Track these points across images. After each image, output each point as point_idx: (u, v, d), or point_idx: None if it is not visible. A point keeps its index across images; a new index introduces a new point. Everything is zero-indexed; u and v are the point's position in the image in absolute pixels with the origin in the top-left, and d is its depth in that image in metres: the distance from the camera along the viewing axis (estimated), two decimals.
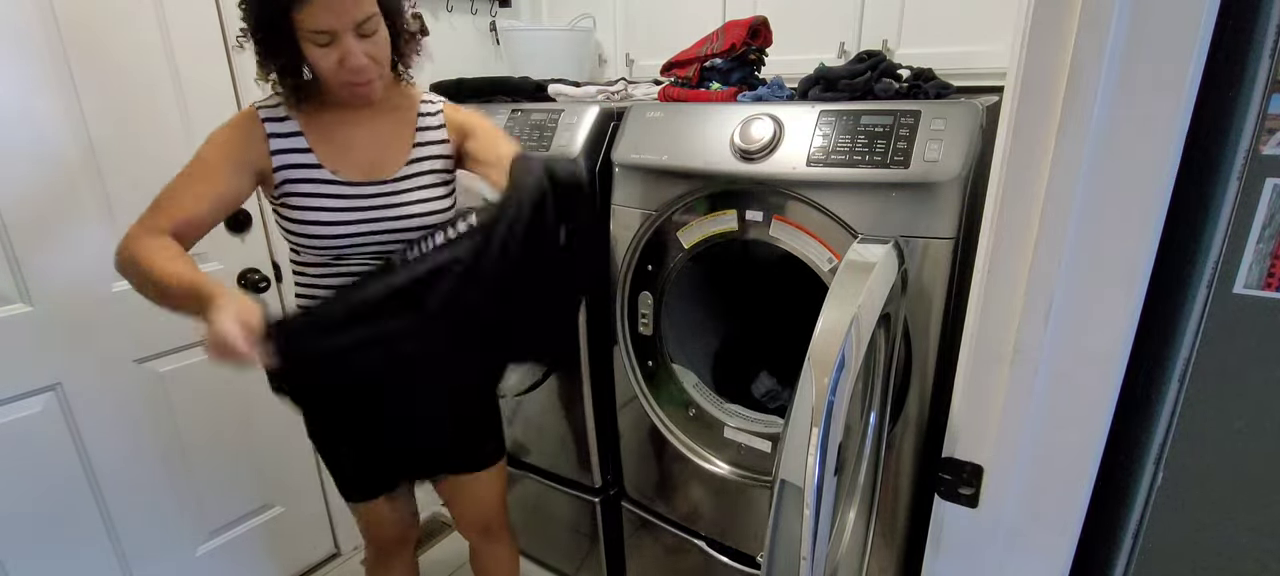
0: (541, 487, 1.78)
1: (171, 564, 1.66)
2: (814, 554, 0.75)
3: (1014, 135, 0.70)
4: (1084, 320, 0.71)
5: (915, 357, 1.08)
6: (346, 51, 0.96)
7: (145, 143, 1.43)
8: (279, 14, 0.92)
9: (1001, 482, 0.82)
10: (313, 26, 0.93)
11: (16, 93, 1.26)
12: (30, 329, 1.34)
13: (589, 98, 1.57)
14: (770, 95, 1.27)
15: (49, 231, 1.33)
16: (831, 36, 1.59)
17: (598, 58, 2.12)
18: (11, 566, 1.38)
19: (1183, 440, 0.71)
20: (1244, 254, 0.63)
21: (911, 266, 1.03)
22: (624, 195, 1.35)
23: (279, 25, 0.94)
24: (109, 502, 1.51)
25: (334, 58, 0.96)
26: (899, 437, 1.13)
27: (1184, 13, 0.59)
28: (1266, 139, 0.60)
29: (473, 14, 2.14)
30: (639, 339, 1.42)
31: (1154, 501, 0.75)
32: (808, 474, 0.73)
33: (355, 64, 0.97)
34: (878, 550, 1.19)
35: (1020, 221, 0.72)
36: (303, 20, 0.92)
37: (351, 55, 0.96)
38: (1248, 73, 0.61)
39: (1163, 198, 0.65)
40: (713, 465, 1.40)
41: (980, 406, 0.81)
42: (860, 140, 1.06)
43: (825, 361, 0.76)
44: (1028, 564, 0.84)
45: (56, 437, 1.41)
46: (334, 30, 0.94)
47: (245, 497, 1.78)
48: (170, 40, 1.44)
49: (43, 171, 1.31)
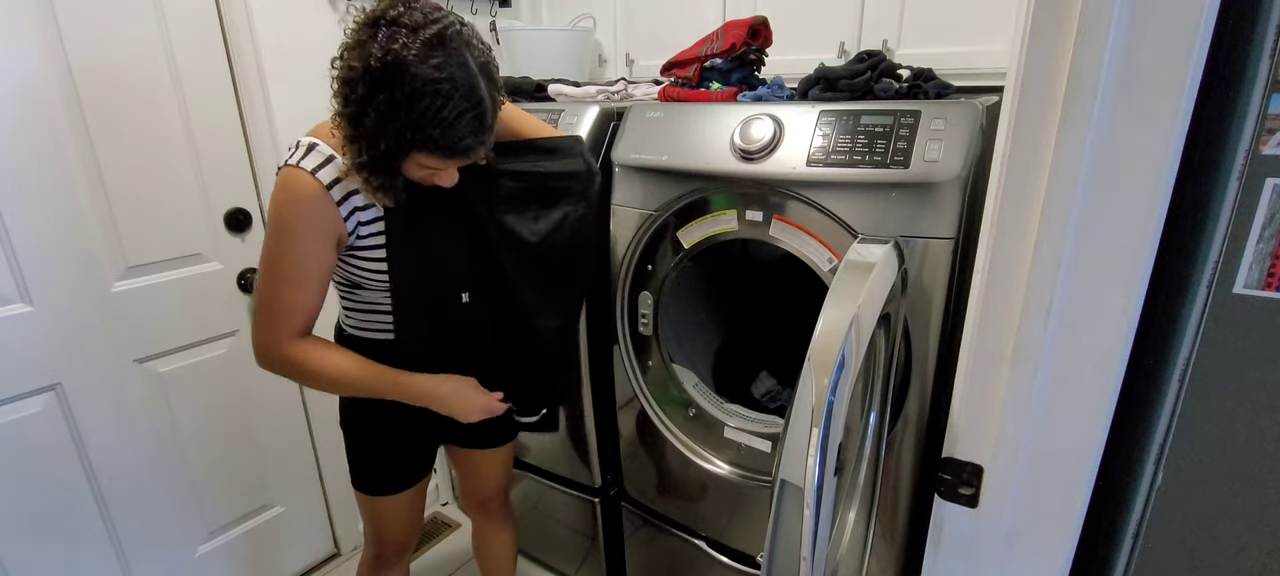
0: (541, 487, 1.78)
1: (171, 564, 1.66)
2: (814, 554, 0.75)
3: (1014, 135, 0.70)
4: (1084, 320, 0.71)
5: (915, 357, 1.08)
6: (442, 178, 0.99)
7: (145, 143, 1.43)
8: (409, 147, 0.90)
9: (1001, 482, 0.82)
10: (429, 165, 0.94)
11: (17, 92, 1.26)
12: (30, 329, 1.34)
13: (589, 98, 1.57)
14: (770, 95, 1.27)
15: (49, 231, 1.33)
16: (831, 36, 1.59)
17: (598, 58, 2.12)
18: (11, 566, 1.38)
19: (1183, 440, 0.71)
20: (1244, 254, 0.63)
21: (911, 266, 1.03)
22: (624, 195, 1.35)
23: (399, 156, 0.91)
24: (109, 502, 1.51)
25: (424, 175, 0.97)
26: (899, 437, 1.13)
27: (1184, 13, 0.59)
28: (1266, 139, 0.60)
29: (473, 14, 2.13)
30: (639, 339, 1.42)
31: (1154, 501, 0.75)
32: (808, 474, 0.73)
33: (443, 182, 1.00)
34: (878, 550, 1.19)
35: (1020, 221, 0.72)
36: (424, 160, 0.93)
37: (443, 180, 0.99)
38: (1248, 73, 0.61)
39: (1163, 198, 0.65)
40: (713, 465, 1.40)
41: (980, 406, 0.81)
42: (860, 140, 1.06)
43: (825, 361, 0.76)
44: (1028, 564, 0.84)
45: (56, 437, 1.41)
46: (443, 169, 0.97)
47: (245, 497, 1.78)
48: (170, 40, 1.44)
49: (43, 171, 1.31)
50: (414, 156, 0.92)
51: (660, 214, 1.30)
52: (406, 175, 0.97)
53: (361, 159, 0.91)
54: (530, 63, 1.91)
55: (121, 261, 1.45)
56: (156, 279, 1.51)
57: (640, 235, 1.34)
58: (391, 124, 0.86)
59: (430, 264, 1.08)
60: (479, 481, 1.44)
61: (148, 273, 1.49)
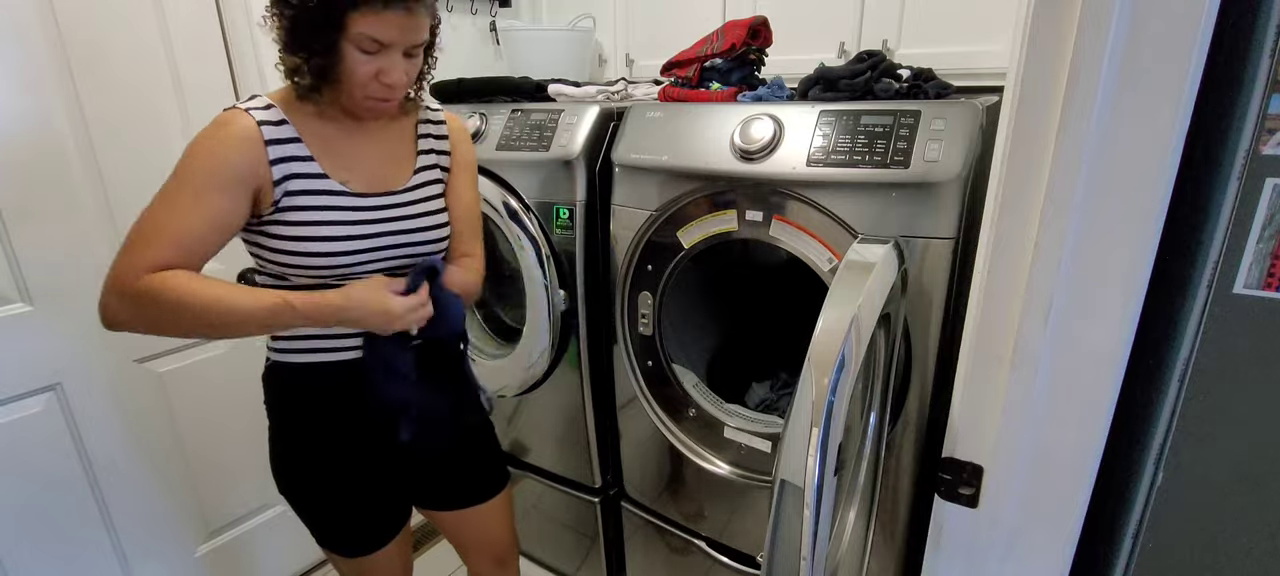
0: (541, 487, 1.78)
1: (171, 563, 1.66)
2: (814, 554, 0.75)
3: (1014, 135, 0.70)
4: (1084, 320, 0.71)
5: (915, 358, 1.08)
6: (388, 67, 0.90)
7: (145, 143, 1.43)
8: (337, 7, 0.85)
9: (1001, 482, 0.82)
10: (368, 32, 0.86)
11: (17, 92, 1.26)
12: (30, 329, 1.34)
13: (589, 98, 1.57)
14: (770, 95, 1.27)
15: (49, 232, 1.33)
16: (831, 36, 1.59)
17: (598, 58, 2.13)
18: (11, 566, 1.38)
19: (1183, 440, 0.71)
20: (1244, 254, 0.63)
21: (911, 266, 1.03)
22: (624, 195, 1.35)
23: (332, 17, 0.85)
24: (109, 502, 1.51)
25: (372, 69, 0.90)
26: (899, 437, 1.13)
27: (1184, 13, 0.59)
28: (1266, 139, 0.60)
29: (473, 14, 2.14)
30: (639, 339, 1.42)
31: (1154, 501, 0.75)
32: (808, 474, 0.73)
33: (392, 80, 0.91)
34: (878, 550, 1.19)
35: (1020, 221, 0.72)
36: (360, 23, 0.86)
37: (391, 72, 0.91)
38: (1248, 73, 0.61)
39: (1163, 198, 0.65)
40: (713, 465, 1.40)
41: (980, 406, 0.81)
42: (860, 140, 1.06)
43: (825, 361, 0.76)
44: (1028, 564, 0.84)
45: (56, 437, 1.41)
46: (389, 43, 0.89)
47: (245, 497, 1.78)
48: (170, 40, 1.44)
49: (43, 171, 1.31)
50: (350, 22, 0.85)
51: (660, 214, 1.30)
52: (346, 68, 0.89)
53: (289, 38, 0.87)
54: (530, 63, 1.91)
55: None
56: None
57: (640, 235, 1.34)
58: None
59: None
60: (490, 537, 1.29)
61: None
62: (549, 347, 1.51)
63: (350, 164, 0.99)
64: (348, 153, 1.00)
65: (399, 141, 1.07)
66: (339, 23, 0.86)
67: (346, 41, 0.87)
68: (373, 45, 0.88)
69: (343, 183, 0.97)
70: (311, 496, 1.10)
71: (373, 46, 0.88)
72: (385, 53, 0.90)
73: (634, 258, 1.36)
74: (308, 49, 0.89)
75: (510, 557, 1.35)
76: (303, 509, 1.11)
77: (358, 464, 1.09)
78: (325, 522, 1.12)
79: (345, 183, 0.98)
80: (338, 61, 0.89)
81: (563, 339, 1.52)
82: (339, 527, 1.13)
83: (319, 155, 0.96)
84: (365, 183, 1.00)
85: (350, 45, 0.88)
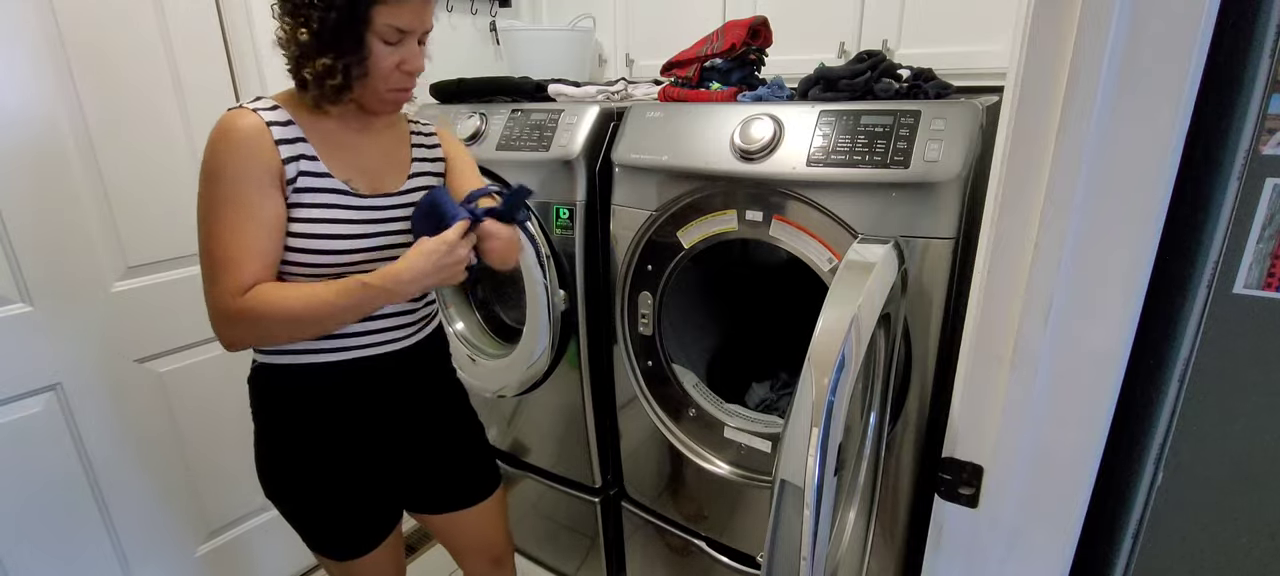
0: (541, 487, 1.78)
1: (171, 564, 1.66)
2: (814, 554, 0.75)
3: (1014, 135, 0.70)
4: (1084, 320, 0.71)
5: (915, 358, 1.08)
6: (409, 55, 0.95)
7: (146, 143, 1.43)
8: (362, 1, 0.88)
9: (1001, 482, 0.82)
10: (392, 21, 0.90)
11: (17, 92, 1.26)
12: (30, 329, 1.34)
13: (589, 98, 1.57)
14: (770, 95, 1.27)
15: (49, 231, 1.33)
16: (831, 36, 1.59)
17: (598, 58, 2.12)
18: (11, 566, 1.38)
19: (1183, 440, 0.71)
20: (1244, 254, 0.63)
21: (911, 266, 1.03)
22: (624, 195, 1.35)
23: (358, 11, 0.88)
24: (109, 502, 1.51)
25: (395, 59, 0.93)
26: (899, 437, 1.13)
27: (1184, 13, 0.59)
28: (1266, 139, 0.60)
29: (473, 14, 2.14)
30: (639, 339, 1.42)
31: (1154, 501, 0.75)
32: (808, 474, 0.73)
33: (414, 66, 0.96)
34: (878, 550, 1.19)
35: (1020, 221, 0.72)
36: (385, 14, 0.89)
37: (413, 59, 0.95)
38: (1248, 73, 0.61)
39: (1163, 198, 0.65)
40: (713, 465, 1.40)
41: (980, 406, 0.81)
42: (860, 140, 1.06)
43: (825, 361, 0.76)
44: (1028, 564, 0.84)
45: (56, 437, 1.41)
46: (409, 30, 0.93)
47: (245, 497, 1.78)
48: (170, 40, 1.44)
49: (43, 171, 1.31)
50: (375, 15, 0.89)
51: (660, 214, 1.30)
52: (373, 60, 0.92)
53: (316, 39, 0.88)
54: (530, 63, 1.91)
55: (121, 261, 1.45)
56: (156, 279, 1.51)
57: (640, 235, 1.34)
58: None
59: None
60: (485, 539, 1.29)
61: (148, 273, 1.49)
62: (549, 348, 1.51)
63: (353, 165, 1.01)
64: (350, 154, 1.01)
65: (396, 145, 1.09)
66: (365, 16, 0.89)
67: (371, 34, 0.91)
68: (396, 35, 0.92)
69: (347, 182, 0.99)
70: (299, 499, 1.10)
71: (395, 36, 0.92)
72: (405, 41, 0.94)
73: (634, 257, 1.36)
74: (337, 48, 0.90)
75: (506, 558, 1.35)
76: (290, 512, 1.11)
77: (345, 466, 1.09)
78: (313, 526, 1.12)
79: (349, 183, 0.99)
80: (366, 56, 0.92)
81: (563, 339, 1.52)
82: (327, 530, 1.12)
83: (324, 155, 0.98)
84: (367, 184, 1.02)
85: (375, 38, 0.91)
